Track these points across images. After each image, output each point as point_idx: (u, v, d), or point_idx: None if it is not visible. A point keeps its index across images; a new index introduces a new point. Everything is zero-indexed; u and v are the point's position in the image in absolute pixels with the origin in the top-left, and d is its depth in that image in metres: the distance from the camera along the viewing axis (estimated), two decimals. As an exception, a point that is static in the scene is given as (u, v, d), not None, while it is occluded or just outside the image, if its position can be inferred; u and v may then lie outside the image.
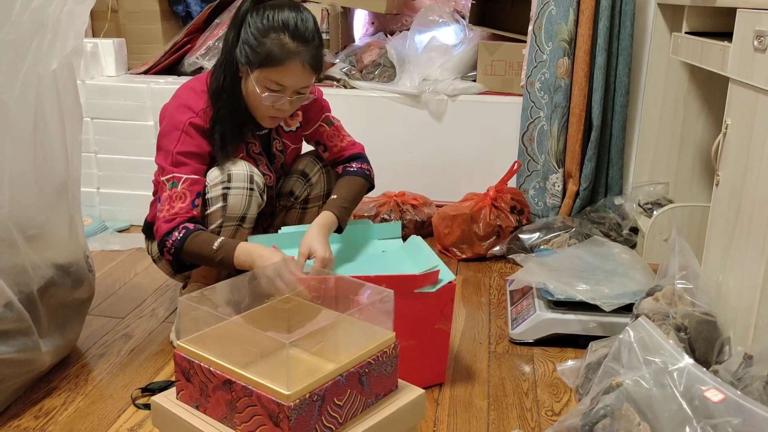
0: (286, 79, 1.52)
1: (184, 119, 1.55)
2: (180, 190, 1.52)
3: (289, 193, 1.78)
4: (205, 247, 1.49)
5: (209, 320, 1.12)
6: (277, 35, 1.49)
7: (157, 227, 1.53)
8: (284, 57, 1.49)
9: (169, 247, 1.50)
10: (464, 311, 1.93)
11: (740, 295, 1.45)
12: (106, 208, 2.60)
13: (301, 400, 0.98)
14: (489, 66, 2.60)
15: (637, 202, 2.37)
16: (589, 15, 2.28)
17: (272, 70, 1.50)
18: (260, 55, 1.49)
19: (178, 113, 1.56)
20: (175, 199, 1.52)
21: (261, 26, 1.49)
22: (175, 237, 1.50)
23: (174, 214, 1.51)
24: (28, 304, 1.41)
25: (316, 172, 1.77)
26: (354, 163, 1.75)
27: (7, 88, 1.32)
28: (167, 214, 1.51)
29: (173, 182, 1.53)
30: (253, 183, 1.58)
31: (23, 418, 1.42)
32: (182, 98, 1.59)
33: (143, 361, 1.64)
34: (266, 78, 1.51)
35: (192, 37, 2.73)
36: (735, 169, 1.48)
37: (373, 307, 1.14)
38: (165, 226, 1.51)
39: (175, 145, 1.54)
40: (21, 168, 1.40)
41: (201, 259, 1.52)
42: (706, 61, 1.71)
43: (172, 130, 1.55)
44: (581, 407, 1.23)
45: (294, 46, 1.49)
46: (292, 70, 1.50)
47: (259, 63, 1.50)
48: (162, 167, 1.56)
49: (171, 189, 1.52)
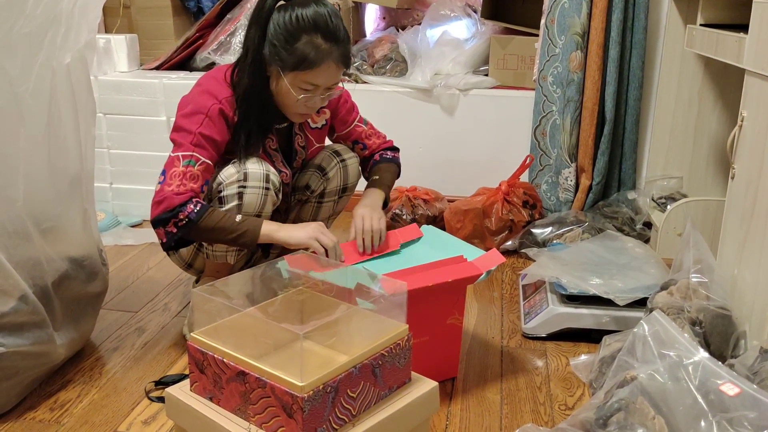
0: (320, 79, 1.52)
1: (208, 104, 1.54)
2: (196, 170, 1.51)
3: (305, 186, 1.78)
4: (227, 221, 1.49)
5: (223, 312, 1.12)
6: (309, 37, 1.48)
7: (164, 197, 1.48)
8: (319, 60, 1.49)
9: (181, 219, 1.47)
10: (476, 306, 1.93)
11: (756, 288, 1.43)
12: (118, 203, 2.62)
13: (314, 391, 0.98)
14: (501, 60, 2.59)
15: (651, 196, 2.35)
16: (602, 8, 2.26)
17: (306, 73, 1.50)
18: (293, 58, 1.49)
19: (202, 98, 1.56)
20: (188, 178, 1.50)
21: (291, 27, 1.48)
22: (190, 209, 1.48)
23: (187, 190, 1.49)
24: (42, 297, 1.42)
25: (334, 166, 1.77)
26: (389, 152, 1.84)
27: (21, 82, 1.33)
28: (178, 188, 1.49)
29: (190, 160, 1.51)
30: (269, 182, 1.58)
31: (39, 410, 1.43)
32: (205, 86, 1.59)
33: (156, 354, 1.65)
34: (300, 80, 1.52)
35: (204, 32, 2.73)
36: (751, 162, 1.47)
37: (385, 299, 1.14)
38: (177, 198, 1.48)
39: (198, 126, 1.53)
40: (35, 161, 1.41)
41: (219, 232, 1.50)
42: (721, 53, 1.70)
43: (196, 113, 1.54)
44: (595, 401, 1.23)
45: (327, 47, 1.49)
46: (326, 70, 1.51)
47: (292, 66, 1.50)
48: (180, 143, 1.54)
49: (186, 166, 1.51)
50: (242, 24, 2.64)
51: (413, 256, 1.59)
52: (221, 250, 1.62)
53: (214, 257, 1.64)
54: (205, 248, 1.64)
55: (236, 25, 2.65)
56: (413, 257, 1.59)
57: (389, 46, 2.71)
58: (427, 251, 1.59)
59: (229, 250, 1.62)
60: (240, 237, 1.50)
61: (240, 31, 2.63)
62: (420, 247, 1.63)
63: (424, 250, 1.61)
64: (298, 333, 1.01)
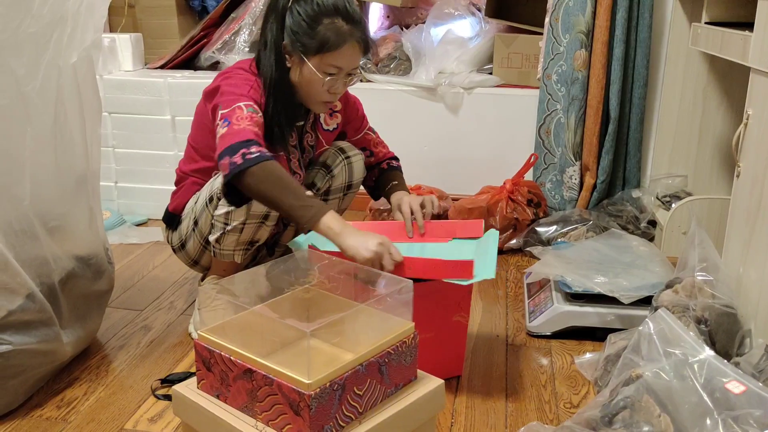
0: (344, 61, 1.55)
1: (252, 78, 1.57)
2: (258, 118, 1.50)
3: (311, 185, 1.79)
4: (297, 187, 1.40)
5: (229, 310, 1.13)
6: (331, 20, 1.51)
7: (238, 130, 1.42)
8: (342, 40, 1.52)
9: (252, 152, 1.39)
10: (481, 304, 1.93)
11: (761, 287, 1.43)
12: (124, 202, 2.62)
13: (321, 389, 0.99)
14: (505, 58, 2.59)
15: (656, 194, 2.35)
16: (607, 6, 2.26)
17: (330, 54, 1.53)
18: (317, 41, 1.52)
19: (243, 74, 1.58)
20: (254, 123, 1.46)
21: (312, 12, 1.52)
22: (263, 150, 1.41)
23: (257, 133, 1.45)
24: (49, 295, 1.43)
25: (339, 164, 1.78)
26: (393, 161, 1.87)
27: (28, 81, 1.34)
28: (250, 126, 1.44)
29: (252, 108, 1.49)
30: None
31: (45, 408, 1.43)
32: (234, 72, 1.60)
33: (162, 352, 1.65)
34: (325, 63, 1.54)
35: (208, 31, 2.74)
36: (756, 160, 1.47)
37: (391, 297, 1.14)
38: (253, 134, 1.42)
39: (249, 90, 1.54)
40: (42, 160, 1.41)
41: (280, 188, 1.38)
42: (726, 51, 1.69)
43: (242, 83, 1.55)
44: (600, 399, 1.23)
45: (348, 29, 1.53)
46: (348, 51, 1.54)
47: (316, 49, 1.53)
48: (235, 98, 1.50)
49: (251, 113, 1.47)
50: (247, 23, 2.64)
51: (449, 252, 1.53)
52: (229, 249, 1.62)
53: (221, 255, 1.64)
54: (213, 246, 1.64)
55: (241, 24, 2.65)
56: (447, 253, 1.52)
57: (393, 45, 2.72)
58: (467, 251, 1.51)
59: (237, 248, 1.62)
60: (300, 209, 1.37)
61: (245, 30, 2.63)
62: (467, 247, 1.55)
63: (468, 249, 1.53)
64: (305, 331, 1.02)
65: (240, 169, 1.39)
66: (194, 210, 1.67)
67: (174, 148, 2.52)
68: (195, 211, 1.66)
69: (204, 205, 1.62)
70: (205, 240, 1.68)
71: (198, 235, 1.68)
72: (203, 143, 1.66)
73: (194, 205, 1.67)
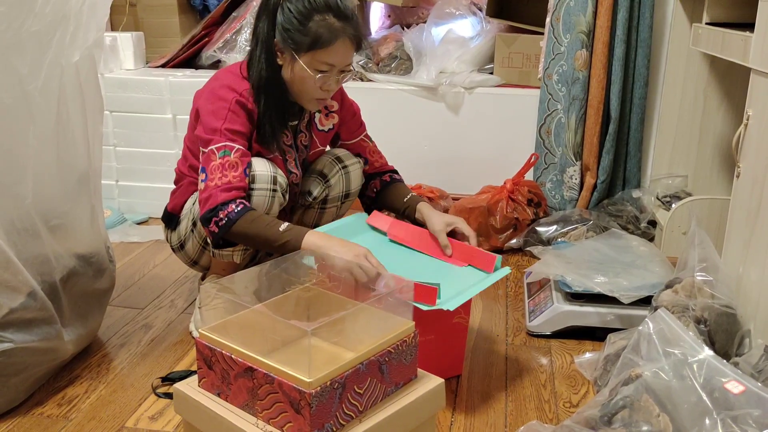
0: (336, 58, 1.53)
1: (229, 98, 1.55)
2: (233, 158, 1.51)
3: (307, 192, 1.78)
4: (270, 228, 1.46)
5: (230, 308, 1.13)
6: (322, 16, 1.50)
7: (209, 195, 1.48)
8: (333, 37, 1.51)
9: (221, 218, 1.47)
10: (481, 304, 1.93)
11: (761, 287, 1.44)
12: (125, 201, 2.63)
13: (322, 387, 0.99)
14: (506, 58, 2.59)
15: (656, 195, 2.35)
16: (608, 6, 2.26)
17: (322, 51, 1.52)
18: (308, 38, 1.51)
19: (222, 92, 1.57)
20: (227, 168, 1.50)
21: (303, 9, 1.51)
22: (231, 209, 1.47)
23: (228, 183, 1.48)
24: (51, 293, 1.43)
25: (335, 173, 1.77)
26: (396, 174, 1.85)
27: (31, 80, 1.34)
28: (221, 182, 1.48)
29: (225, 150, 1.51)
30: (276, 184, 1.58)
31: (47, 406, 1.44)
32: (222, 80, 1.60)
33: (163, 351, 1.66)
34: (317, 60, 1.53)
35: (209, 30, 2.74)
36: (756, 161, 1.47)
37: (392, 297, 1.15)
38: (222, 195, 1.47)
39: (222, 122, 1.53)
40: (44, 158, 1.41)
41: (257, 238, 1.47)
42: (727, 51, 1.70)
43: (219, 109, 1.55)
44: (600, 398, 1.23)
45: (340, 25, 1.51)
46: (341, 48, 1.53)
47: (308, 46, 1.52)
48: (209, 138, 1.53)
49: (223, 157, 1.50)
50: (248, 22, 2.64)
51: (459, 276, 1.51)
52: (228, 250, 1.63)
53: (220, 256, 1.64)
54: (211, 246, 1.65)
55: (242, 23, 2.66)
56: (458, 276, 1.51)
57: (394, 45, 2.72)
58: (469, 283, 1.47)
59: (236, 249, 1.62)
60: (281, 247, 1.45)
61: (246, 29, 2.63)
62: (470, 278, 1.51)
63: (469, 281, 1.49)
64: (306, 330, 1.02)
65: (219, 237, 1.50)
66: (192, 211, 1.67)
67: (175, 146, 2.52)
68: (194, 212, 1.66)
69: None
70: (204, 241, 1.68)
71: (197, 236, 1.68)
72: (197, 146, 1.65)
73: (192, 207, 1.67)
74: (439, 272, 1.52)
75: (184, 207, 1.71)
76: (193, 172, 1.69)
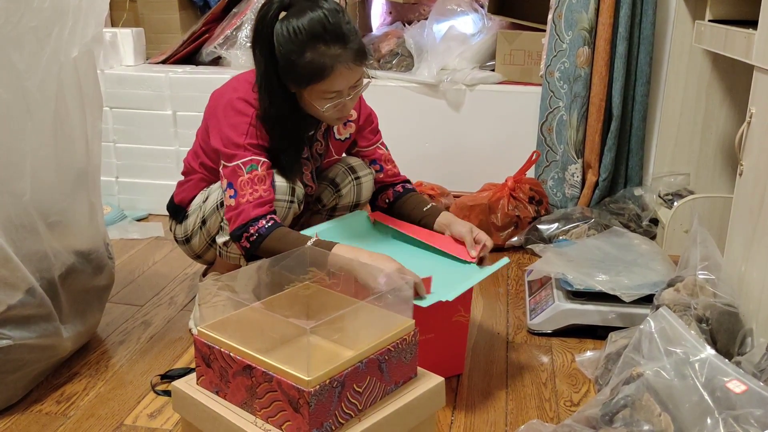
0: (339, 85, 1.48)
1: (250, 112, 1.53)
2: (261, 172, 1.50)
3: (316, 200, 1.77)
4: (297, 243, 1.43)
5: (230, 306, 1.12)
6: (313, 47, 1.43)
7: (241, 210, 1.48)
8: (330, 67, 1.44)
9: (251, 234, 1.47)
10: (482, 302, 1.92)
11: (763, 286, 1.43)
12: (124, 197, 2.62)
13: (321, 386, 0.98)
14: (508, 55, 2.58)
15: (658, 193, 2.34)
16: (610, 3, 2.25)
17: (323, 83, 1.46)
18: (305, 73, 1.46)
19: (241, 105, 1.53)
20: (257, 182, 1.49)
21: (292, 46, 1.44)
22: (262, 224, 1.47)
23: (260, 197, 1.48)
24: (49, 290, 1.43)
25: (347, 184, 1.73)
26: (408, 184, 1.81)
27: (29, 75, 1.33)
28: (252, 198, 1.48)
29: (252, 165, 1.50)
30: (294, 195, 1.57)
31: (45, 403, 1.43)
32: (241, 91, 1.56)
33: (162, 348, 1.65)
34: (320, 91, 1.48)
35: (210, 26, 2.73)
36: (759, 159, 1.46)
37: (392, 294, 1.14)
38: (255, 211, 1.47)
39: (245, 138, 1.51)
40: (42, 154, 1.41)
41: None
42: (730, 49, 1.69)
43: (240, 124, 1.52)
44: (601, 397, 1.23)
45: (333, 52, 1.44)
46: (341, 75, 1.46)
47: (307, 82, 1.47)
48: (233, 154, 1.52)
49: (251, 172, 1.49)
50: (249, 18, 2.63)
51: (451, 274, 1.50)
52: (235, 253, 1.61)
53: (227, 257, 1.64)
54: (219, 247, 1.64)
55: (242, 19, 2.65)
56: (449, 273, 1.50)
57: (395, 41, 2.71)
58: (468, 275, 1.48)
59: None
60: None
61: (246, 25, 2.63)
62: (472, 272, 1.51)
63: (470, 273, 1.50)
64: (305, 328, 1.02)
65: (251, 253, 1.50)
66: (203, 209, 1.66)
67: (175, 143, 2.52)
68: (204, 210, 1.65)
69: (214, 208, 1.61)
70: (211, 239, 1.67)
71: (205, 233, 1.67)
72: (210, 147, 1.63)
73: (203, 204, 1.66)
74: (443, 269, 1.51)
75: (193, 202, 1.69)
76: (205, 170, 1.67)
